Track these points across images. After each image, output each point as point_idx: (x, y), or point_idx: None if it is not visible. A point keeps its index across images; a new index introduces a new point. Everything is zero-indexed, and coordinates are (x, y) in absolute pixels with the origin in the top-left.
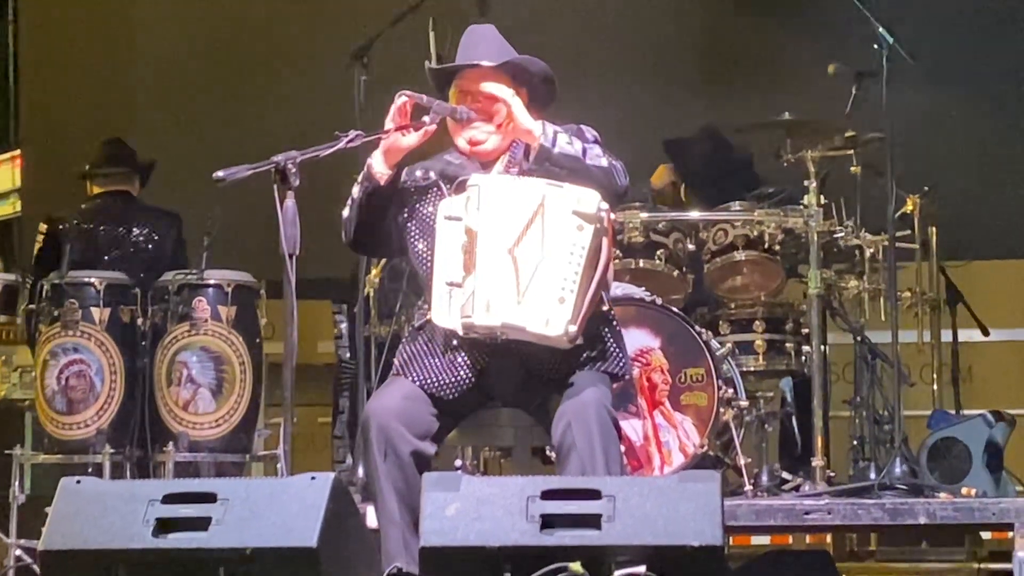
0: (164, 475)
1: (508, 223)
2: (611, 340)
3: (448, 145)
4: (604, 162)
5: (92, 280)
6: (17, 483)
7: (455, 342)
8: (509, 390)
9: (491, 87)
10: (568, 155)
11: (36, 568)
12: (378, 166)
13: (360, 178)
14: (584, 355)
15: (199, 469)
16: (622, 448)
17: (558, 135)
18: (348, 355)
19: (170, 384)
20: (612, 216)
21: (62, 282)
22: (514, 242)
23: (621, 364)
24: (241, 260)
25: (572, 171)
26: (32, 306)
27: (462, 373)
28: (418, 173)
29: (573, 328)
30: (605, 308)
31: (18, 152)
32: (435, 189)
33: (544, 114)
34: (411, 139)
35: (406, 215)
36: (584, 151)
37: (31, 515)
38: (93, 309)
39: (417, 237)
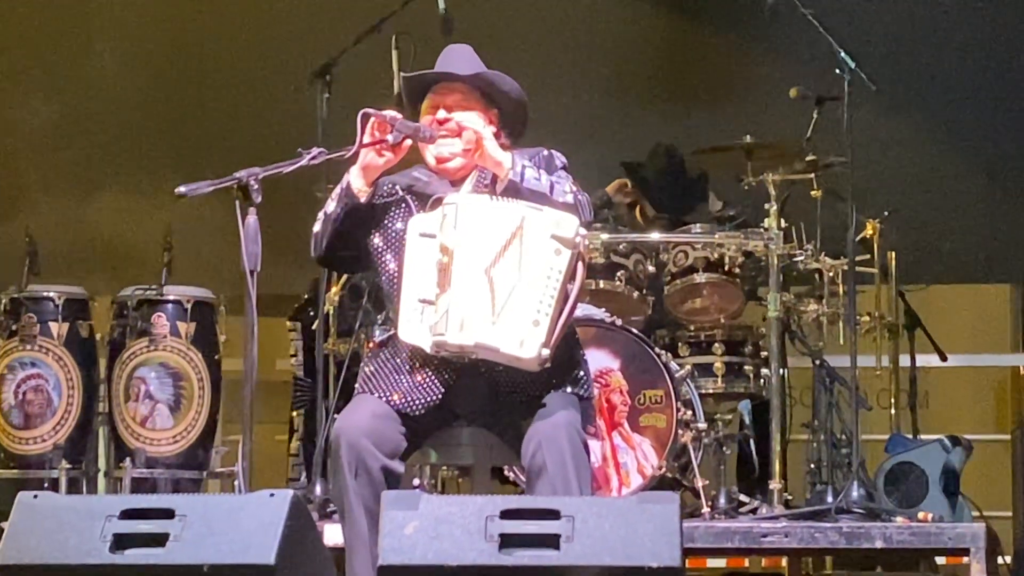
0: (121, 491)
1: (486, 243)
2: (579, 362)
3: (415, 161)
4: (570, 198)
5: (51, 294)
6: None
7: (421, 359)
8: (475, 409)
9: (463, 117)
10: (535, 191)
11: None
12: (356, 183)
13: (336, 194)
14: (554, 377)
15: (156, 485)
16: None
17: (526, 169)
18: (303, 373)
19: (128, 400)
20: (587, 243)
21: (20, 296)
22: (491, 262)
23: (587, 386)
24: (200, 276)
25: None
26: None
27: (429, 390)
28: (385, 188)
29: (546, 352)
30: (573, 330)
31: None
32: (403, 205)
33: (516, 145)
34: (389, 156)
35: (372, 229)
36: (552, 187)
37: None
38: (51, 324)
39: (383, 252)
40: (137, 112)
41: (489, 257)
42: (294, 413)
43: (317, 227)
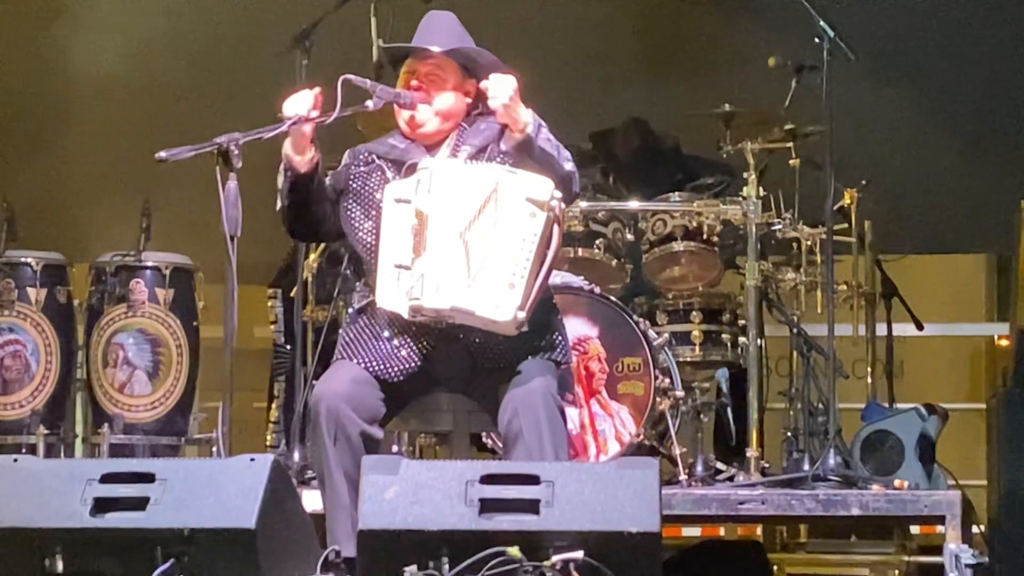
0: (99, 457)
1: (460, 207)
2: (556, 328)
3: (390, 128)
4: (570, 166)
5: (29, 260)
6: None
7: (400, 325)
8: (454, 376)
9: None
10: (545, 151)
11: None
12: (289, 152)
13: (281, 168)
14: (531, 343)
15: (134, 451)
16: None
17: (541, 128)
18: (283, 340)
19: (106, 366)
20: (563, 206)
21: None
22: (466, 226)
23: (564, 352)
24: (179, 243)
25: (541, 165)
26: None
27: (408, 357)
28: (361, 156)
29: (521, 314)
30: (550, 296)
31: None
32: (379, 172)
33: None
34: (309, 126)
35: (349, 198)
36: (559, 149)
37: None
38: (29, 289)
39: (360, 220)
40: (115, 77)
41: (464, 221)
42: (275, 381)
43: (278, 203)
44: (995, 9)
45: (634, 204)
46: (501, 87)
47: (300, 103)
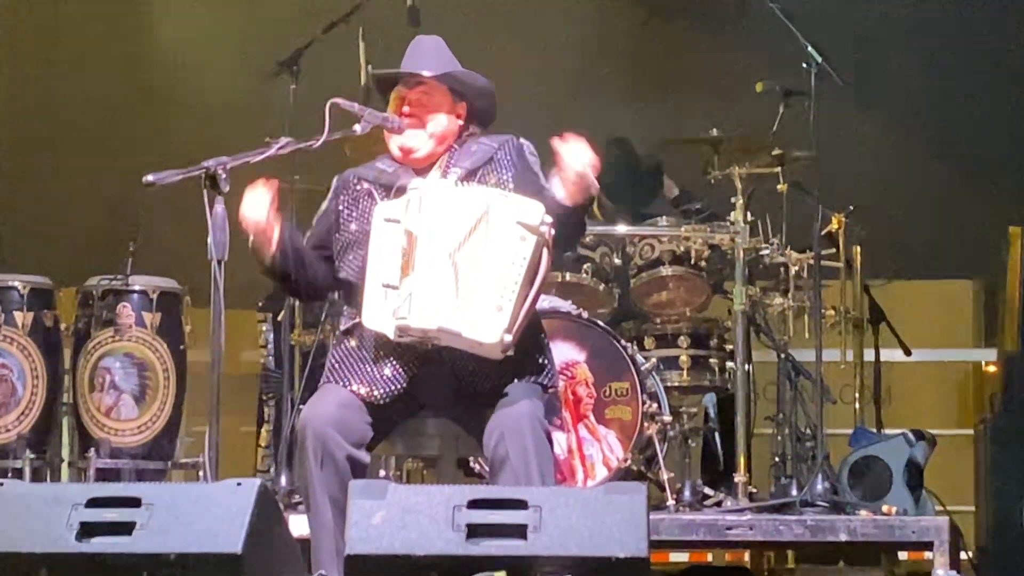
0: (85, 481)
1: (450, 228)
2: (543, 352)
3: (377, 152)
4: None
5: (15, 284)
6: None
7: (386, 348)
8: (440, 399)
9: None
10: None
11: None
12: (254, 248)
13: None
14: (517, 367)
15: (120, 475)
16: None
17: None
18: (273, 364)
19: (92, 390)
20: (553, 231)
21: None
22: (455, 247)
23: (551, 376)
24: (166, 267)
25: (579, 219)
26: None
27: (393, 379)
28: (351, 180)
29: (508, 337)
30: (537, 320)
31: None
32: (369, 196)
33: (484, 131)
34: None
35: (340, 227)
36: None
37: None
38: (16, 313)
39: (349, 245)
40: (105, 100)
41: (453, 242)
42: (265, 405)
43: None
44: (981, 38)
45: (622, 228)
46: (577, 154)
47: (259, 204)
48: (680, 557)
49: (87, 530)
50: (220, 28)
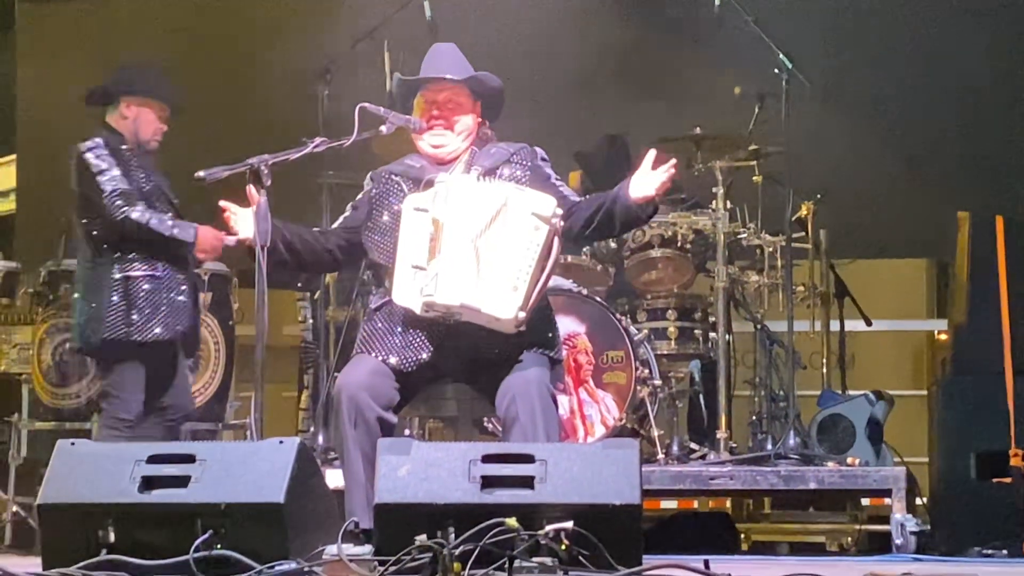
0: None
1: (473, 217)
2: (551, 327)
3: (403, 150)
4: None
5: None
6: (15, 447)
7: (413, 322)
8: (459, 367)
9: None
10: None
11: (31, 521)
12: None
13: None
14: (528, 339)
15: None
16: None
17: None
18: (312, 337)
19: None
20: (563, 222)
21: (58, 269)
22: (477, 234)
23: (557, 348)
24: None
25: (607, 223)
26: (31, 290)
27: (419, 349)
28: (383, 175)
29: (522, 314)
30: (546, 299)
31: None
32: (398, 188)
33: (493, 124)
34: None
35: (373, 216)
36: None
37: (26, 475)
38: None
39: (381, 231)
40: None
41: (475, 229)
42: (305, 373)
43: None
44: (933, 42)
45: None
46: (666, 162)
47: (243, 222)
48: (669, 504)
49: (148, 483)
50: (263, 42)
